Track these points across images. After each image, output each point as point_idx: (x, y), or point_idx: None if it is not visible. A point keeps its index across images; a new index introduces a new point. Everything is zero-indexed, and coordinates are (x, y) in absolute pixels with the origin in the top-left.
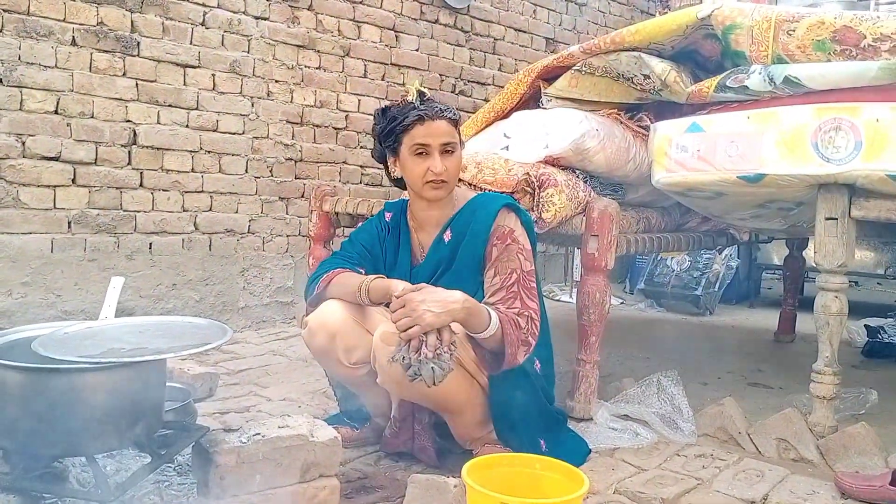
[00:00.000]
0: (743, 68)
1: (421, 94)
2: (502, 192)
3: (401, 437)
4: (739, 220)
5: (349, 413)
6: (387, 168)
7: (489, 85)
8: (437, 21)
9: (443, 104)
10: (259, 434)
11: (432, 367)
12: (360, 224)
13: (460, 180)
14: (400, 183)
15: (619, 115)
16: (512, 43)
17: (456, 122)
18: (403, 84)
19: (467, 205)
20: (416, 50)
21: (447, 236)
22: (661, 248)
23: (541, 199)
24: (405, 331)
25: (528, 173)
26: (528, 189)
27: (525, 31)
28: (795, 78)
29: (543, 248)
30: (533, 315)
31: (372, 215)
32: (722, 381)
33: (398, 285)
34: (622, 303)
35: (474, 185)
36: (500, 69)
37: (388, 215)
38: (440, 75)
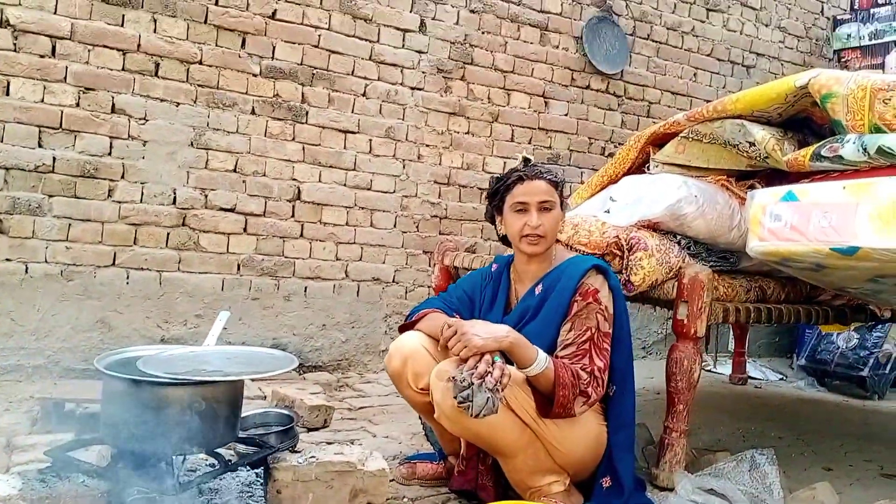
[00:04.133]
0: (839, 137)
1: (526, 160)
2: (594, 254)
3: (466, 475)
4: (864, 293)
5: (434, 446)
6: (494, 227)
7: None
8: (587, 87)
9: (545, 167)
10: (314, 457)
11: (487, 398)
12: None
13: (556, 241)
14: (506, 240)
15: (727, 181)
16: (669, 106)
17: (556, 184)
18: (550, 147)
19: (561, 263)
20: (566, 115)
21: (538, 289)
22: (773, 320)
23: (630, 262)
24: (457, 354)
25: (618, 236)
26: (618, 252)
27: (683, 95)
28: (889, 148)
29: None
30: (597, 373)
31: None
32: (851, 469)
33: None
34: (781, 379)
35: (569, 246)
36: None
37: (494, 266)
38: (589, 138)
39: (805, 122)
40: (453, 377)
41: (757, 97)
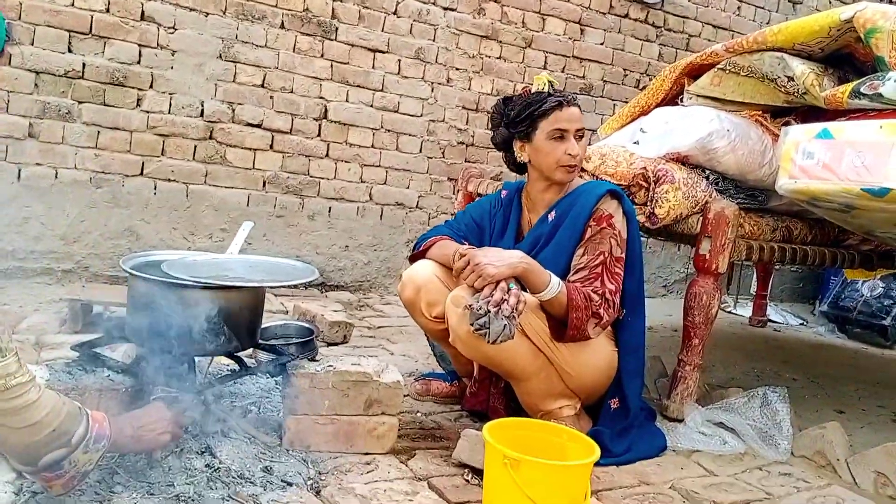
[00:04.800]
0: (880, 75)
1: (551, 84)
2: (619, 185)
3: (478, 396)
4: (892, 239)
5: (446, 368)
6: (507, 153)
7: None
8: (626, 15)
9: (573, 94)
10: (332, 366)
11: (504, 325)
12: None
13: (583, 170)
14: (520, 168)
15: (762, 117)
16: (709, 40)
17: (581, 111)
18: (584, 77)
19: (575, 189)
20: (601, 44)
21: (551, 216)
22: (797, 261)
23: (655, 195)
24: (471, 285)
25: (645, 167)
26: (644, 183)
27: (725, 29)
28: None
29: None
30: (608, 295)
31: None
32: (863, 413)
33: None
34: (802, 324)
35: (595, 176)
36: None
37: (504, 193)
38: (624, 70)
39: (847, 58)
40: (469, 305)
41: (799, 30)
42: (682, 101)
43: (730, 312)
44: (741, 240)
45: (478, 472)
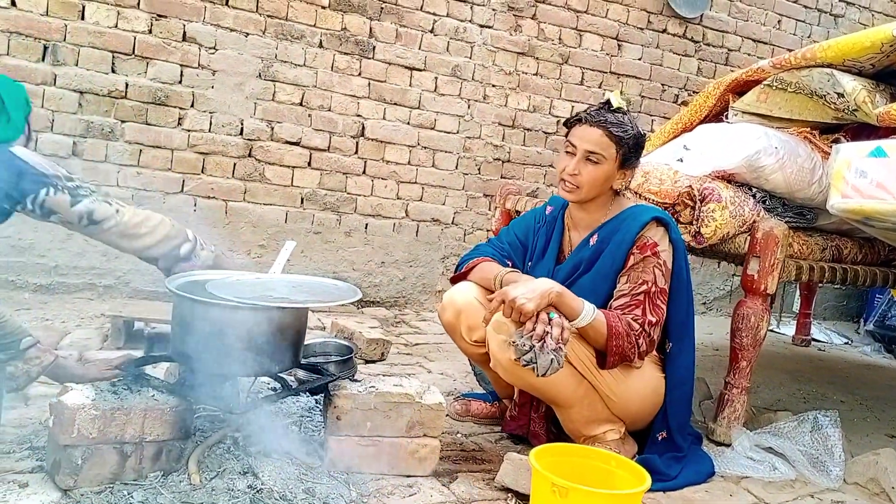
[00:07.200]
0: None
1: (608, 102)
2: (663, 203)
3: (519, 420)
4: None
5: (486, 388)
6: None
7: None
8: (664, 30)
9: (617, 118)
10: (374, 387)
11: (552, 359)
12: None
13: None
14: None
15: (811, 134)
16: (749, 54)
17: (618, 140)
18: (622, 92)
19: (620, 213)
20: (639, 59)
21: (593, 240)
22: (848, 281)
23: (701, 214)
24: (515, 321)
25: (690, 186)
26: (689, 202)
27: (765, 43)
28: None
29: None
30: (647, 327)
31: None
32: None
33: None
34: (847, 343)
35: (639, 194)
36: None
37: (549, 209)
38: (662, 85)
39: None
40: (513, 342)
41: (849, 45)
42: (727, 117)
43: (772, 331)
44: (790, 260)
45: (522, 497)
